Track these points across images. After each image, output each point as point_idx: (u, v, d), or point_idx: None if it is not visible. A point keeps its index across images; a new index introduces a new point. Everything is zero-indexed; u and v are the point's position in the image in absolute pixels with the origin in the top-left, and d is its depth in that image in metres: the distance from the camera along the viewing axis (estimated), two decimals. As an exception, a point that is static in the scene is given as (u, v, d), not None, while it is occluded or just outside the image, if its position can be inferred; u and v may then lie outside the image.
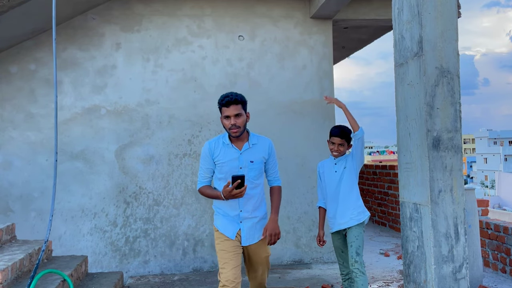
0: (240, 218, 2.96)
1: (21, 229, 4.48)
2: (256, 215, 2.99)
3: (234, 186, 2.72)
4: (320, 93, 5.36)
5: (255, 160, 2.96)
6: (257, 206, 2.99)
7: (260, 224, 3.02)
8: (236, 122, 2.86)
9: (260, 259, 3.05)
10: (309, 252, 5.24)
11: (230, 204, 2.94)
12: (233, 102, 2.85)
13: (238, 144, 2.97)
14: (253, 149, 2.98)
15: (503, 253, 4.50)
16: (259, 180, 2.99)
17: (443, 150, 2.65)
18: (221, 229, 2.98)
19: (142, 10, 5.11)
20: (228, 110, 2.85)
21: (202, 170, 3.03)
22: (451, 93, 2.67)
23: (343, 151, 3.45)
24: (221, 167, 2.96)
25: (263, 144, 3.03)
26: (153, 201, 5.02)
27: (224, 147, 2.97)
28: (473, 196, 4.15)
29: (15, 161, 4.81)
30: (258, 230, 3.00)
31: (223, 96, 2.89)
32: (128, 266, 4.92)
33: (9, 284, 2.96)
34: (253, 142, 2.99)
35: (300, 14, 5.38)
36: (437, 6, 2.67)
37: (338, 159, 3.47)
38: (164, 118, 5.08)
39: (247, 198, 2.93)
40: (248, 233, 2.97)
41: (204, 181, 3.03)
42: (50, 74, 4.88)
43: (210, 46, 5.21)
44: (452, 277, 2.63)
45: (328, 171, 3.51)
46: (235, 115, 2.85)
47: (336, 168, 3.47)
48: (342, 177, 3.42)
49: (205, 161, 3.01)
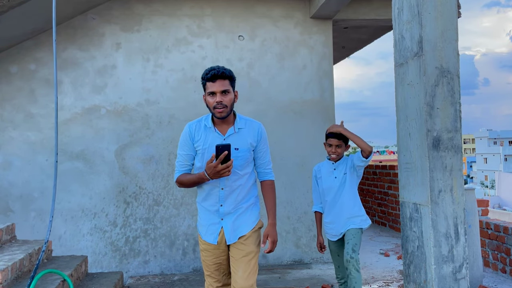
0: (220, 214, 2.53)
1: (21, 229, 4.48)
2: (241, 206, 2.55)
3: (220, 159, 2.29)
4: (320, 93, 5.36)
5: (240, 148, 2.51)
6: (241, 198, 2.55)
7: (246, 214, 2.56)
8: (222, 100, 2.45)
9: (239, 256, 2.50)
10: (309, 252, 5.24)
11: (210, 197, 2.54)
12: (220, 76, 2.45)
13: (222, 128, 2.55)
14: (239, 134, 2.54)
15: (503, 253, 4.50)
16: (244, 171, 2.55)
17: (443, 150, 2.65)
18: (201, 233, 2.60)
19: (142, 10, 5.11)
20: (213, 86, 2.45)
21: (181, 157, 2.59)
22: (451, 93, 2.67)
23: (341, 153, 3.24)
24: (201, 155, 2.53)
25: (251, 129, 2.58)
26: (153, 201, 5.02)
27: (206, 130, 2.55)
28: (473, 196, 4.15)
29: (15, 161, 4.81)
30: (245, 220, 2.55)
31: (208, 69, 2.49)
32: (128, 266, 4.92)
33: (9, 284, 2.96)
34: (240, 126, 2.56)
35: (300, 14, 5.38)
36: (437, 6, 2.67)
37: (337, 164, 3.25)
38: (164, 118, 5.08)
39: (228, 191, 2.51)
40: (232, 229, 2.53)
41: (183, 170, 2.58)
42: (50, 74, 4.88)
43: (210, 46, 5.21)
44: (452, 277, 2.63)
45: (326, 175, 3.27)
46: (222, 91, 2.45)
47: (336, 173, 3.24)
48: (343, 184, 3.21)
49: (184, 146, 2.58)
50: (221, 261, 2.58)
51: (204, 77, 2.51)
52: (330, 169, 3.27)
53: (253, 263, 2.52)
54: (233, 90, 2.54)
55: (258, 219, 2.64)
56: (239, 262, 2.49)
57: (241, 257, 2.50)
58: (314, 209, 3.40)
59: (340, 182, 3.21)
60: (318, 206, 3.37)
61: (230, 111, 2.51)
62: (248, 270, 2.48)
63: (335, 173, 3.23)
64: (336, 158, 3.24)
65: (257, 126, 2.61)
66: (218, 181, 2.50)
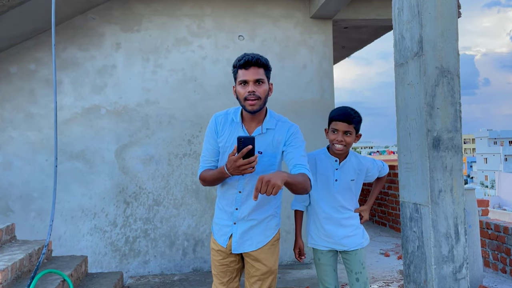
0: (234, 218, 2.31)
1: (21, 229, 4.48)
2: (255, 218, 2.29)
3: (242, 153, 1.96)
4: (320, 93, 5.36)
5: (264, 151, 2.21)
6: (259, 207, 2.28)
7: (259, 228, 2.30)
8: (256, 90, 2.12)
9: (256, 272, 2.31)
10: (309, 252, 5.24)
11: (227, 197, 2.31)
12: (254, 64, 2.13)
13: (251, 126, 2.24)
14: (267, 136, 2.23)
15: (503, 253, 4.50)
16: None
17: (443, 150, 2.65)
18: (214, 232, 2.41)
19: (142, 10, 5.11)
20: (246, 74, 2.13)
21: (206, 151, 2.31)
22: (451, 93, 2.67)
23: (349, 144, 2.48)
24: (223, 153, 2.26)
25: (281, 130, 2.24)
26: (153, 201, 5.02)
27: (232, 125, 2.25)
28: (473, 196, 4.15)
29: (15, 161, 4.81)
30: (256, 235, 2.30)
31: (241, 56, 2.18)
32: (128, 266, 4.92)
33: (9, 284, 2.96)
34: (269, 126, 2.23)
35: (300, 14, 5.38)
36: (437, 6, 2.67)
37: (343, 163, 2.53)
38: (164, 118, 5.08)
39: (246, 196, 2.25)
40: (241, 239, 2.29)
41: (207, 166, 2.30)
42: (50, 74, 4.88)
43: (210, 46, 5.21)
44: (452, 277, 2.62)
45: (324, 171, 2.57)
46: (256, 80, 2.13)
47: (338, 175, 2.53)
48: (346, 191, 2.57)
49: (209, 139, 2.30)
50: (228, 263, 2.36)
51: (236, 64, 2.18)
52: (331, 167, 2.55)
53: (271, 280, 2.31)
54: (268, 82, 2.21)
55: (274, 233, 2.38)
56: (255, 277, 2.31)
57: (256, 281, 2.30)
58: (294, 207, 2.73)
59: (341, 187, 2.55)
60: (300, 204, 2.71)
61: (263, 105, 2.19)
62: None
63: (337, 175, 2.53)
64: (342, 150, 2.46)
65: (287, 127, 2.27)
66: (236, 183, 2.26)
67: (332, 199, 2.58)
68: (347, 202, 2.60)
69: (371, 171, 2.68)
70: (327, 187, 2.58)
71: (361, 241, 2.65)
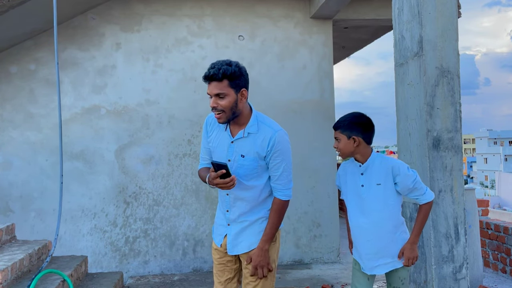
0: (227, 219, 2.31)
1: (21, 229, 4.48)
2: (246, 219, 2.27)
3: (217, 174, 2.07)
4: (320, 93, 5.36)
5: (246, 155, 2.18)
6: (248, 210, 2.26)
7: (251, 229, 2.26)
8: (216, 105, 2.10)
9: (249, 273, 2.26)
10: (309, 252, 5.24)
11: (221, 198, 2.35)
12: (213, 78, 2.09)
13: (235, 129, 2.23)
14: (248, 140, 2.19)
15: (503, 253, 4.50)
16: (252, 182, 2.21)
17: (443, 150, 2.65)
18: (213, 230, 2.45)
19: (142, 10, 5.11)
20: (209, 87, 2.12)
21: (203, 149, 2.40)
22: (451, 93, 2.67)
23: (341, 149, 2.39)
24: (213, 153, 2.30)
25: (262, 136, 2.18)
26: (153, 201, 5.02)
27: (219, 127, 2.28)
28: (473, 196, 4.15)
29: (15, 161, 4.81)
30: (249, 236, 2.26)
31: (209, 66, 2.18)
32: (128, 266, 4.92)
33: (9, 284, 2.96)
34: (251, 130, 2.19)
35: (300, 14, 5.38)
36: (437, 6, 2.67)
37: (365, 166, 2.32)
38: (164, 118, 5.08)
39: (233, 199, 2.26)
40: (234, 240, 2.27)
41: (203, 163, 2.39)
42: (50, 74, 4.88)
43: (210, 46, 5.21)
44: (452, 277, 2.62)
45: (351, 178, 2.41)
46: (216, 94, 2.10)
47: (364, 180, 2.33)
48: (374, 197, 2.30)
49: (203, 138, 2.38)
50: (225, 262, 2.35)
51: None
52: (357, 172, 2.39)
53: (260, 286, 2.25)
54: (237, 90, 2.14)
55: None
56: (250, 278, 2.26)
57: (250, 281, 2.26)
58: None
59: (368, 192, 2.33)
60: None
61: (231, 115, 2.15)
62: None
63: (362, 180, 2.35)
64: (341, 156, 2.43)
65: (269, 134, 2.17)
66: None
67: (362, 207, 2.38)
68: (380, 213, 2.32)
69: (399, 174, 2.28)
70: (357, 194, 2.38)
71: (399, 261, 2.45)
